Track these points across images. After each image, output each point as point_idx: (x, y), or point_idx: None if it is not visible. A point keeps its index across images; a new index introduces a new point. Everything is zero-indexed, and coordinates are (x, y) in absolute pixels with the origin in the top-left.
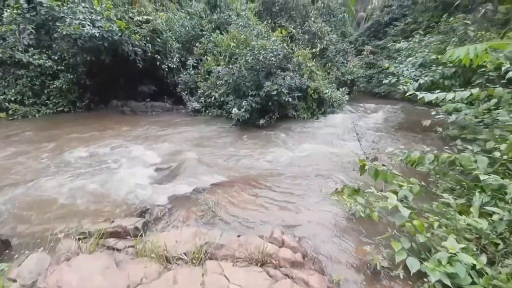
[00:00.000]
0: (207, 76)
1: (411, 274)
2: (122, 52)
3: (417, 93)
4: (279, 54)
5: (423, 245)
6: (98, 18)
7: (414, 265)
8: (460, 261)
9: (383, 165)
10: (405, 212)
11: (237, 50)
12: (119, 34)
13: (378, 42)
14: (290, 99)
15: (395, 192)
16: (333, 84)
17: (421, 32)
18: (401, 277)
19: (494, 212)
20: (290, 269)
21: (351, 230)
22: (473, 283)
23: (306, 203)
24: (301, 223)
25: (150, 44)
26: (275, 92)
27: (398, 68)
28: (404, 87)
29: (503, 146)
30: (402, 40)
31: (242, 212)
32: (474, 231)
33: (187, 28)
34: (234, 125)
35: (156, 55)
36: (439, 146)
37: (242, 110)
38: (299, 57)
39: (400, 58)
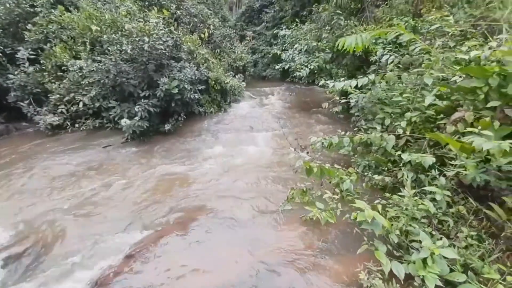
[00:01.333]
0: (60, 73)
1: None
2: None
3: (328, 82)
4: (167, 41)
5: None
6: None
7: (400, 270)
8: (441, 257)
9: (307, 152)
10: (381, 219)
11: (104, 36)
12: None
13: (255, 28)
14: (195, 95)
15: (337, 184)
16: (230, 72)
17: (297, 20)
18: None
19: (431, 192)
20: None
21: (326, 248)
22: (452, 270)
23: (263, 231)
24: (274, 268)
25: None
26: (176, 90)
27: (288, 54)
28: (299, 73)
29: (403, 123)
30: (284, 27)
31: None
32: (424, 213)
33: (9, 4)
34: (129, 139)
35: None
36: (337, 123)
37: (137, 118)
38: (189, 43)
39: (286, 44)
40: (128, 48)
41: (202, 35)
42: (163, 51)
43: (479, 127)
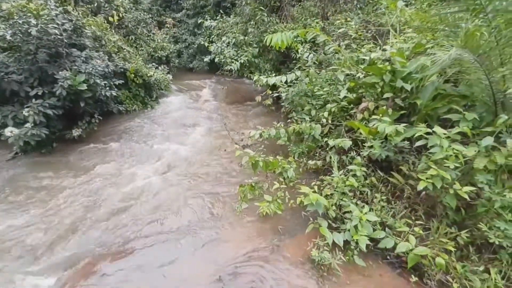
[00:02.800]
0: None
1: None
2: None
3: (262, 77)
4: (64, 24)
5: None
6: None
7: (339, 239)
8: (366, 221)
9: (243, 146)
10: (323, 200)
11: None
12: None
13: (175, 14)
14: (112, 92)
15: (281, 173)
16: (152, 63)
17: (221, 12)
18: (344, 259)
19: (353, 170)
20: None
21: (280, 236)
22: (374, 230)
23: (217, 234)
24: (236, 269)
25: None
26: (85, 86)
27: (216, 47)
28: (230, 66)
29: (325, 113)
30: (208, 17)
31: None
32: (350, 187)
33: None
34: (20, 153)
35: None
36: (269, 115)
37: (29, 125)
38: (93, 27)
39: (212, 36)
40: (7, 34)
41: (111, 18)
42: (59, 37)
43: (380, 115)
